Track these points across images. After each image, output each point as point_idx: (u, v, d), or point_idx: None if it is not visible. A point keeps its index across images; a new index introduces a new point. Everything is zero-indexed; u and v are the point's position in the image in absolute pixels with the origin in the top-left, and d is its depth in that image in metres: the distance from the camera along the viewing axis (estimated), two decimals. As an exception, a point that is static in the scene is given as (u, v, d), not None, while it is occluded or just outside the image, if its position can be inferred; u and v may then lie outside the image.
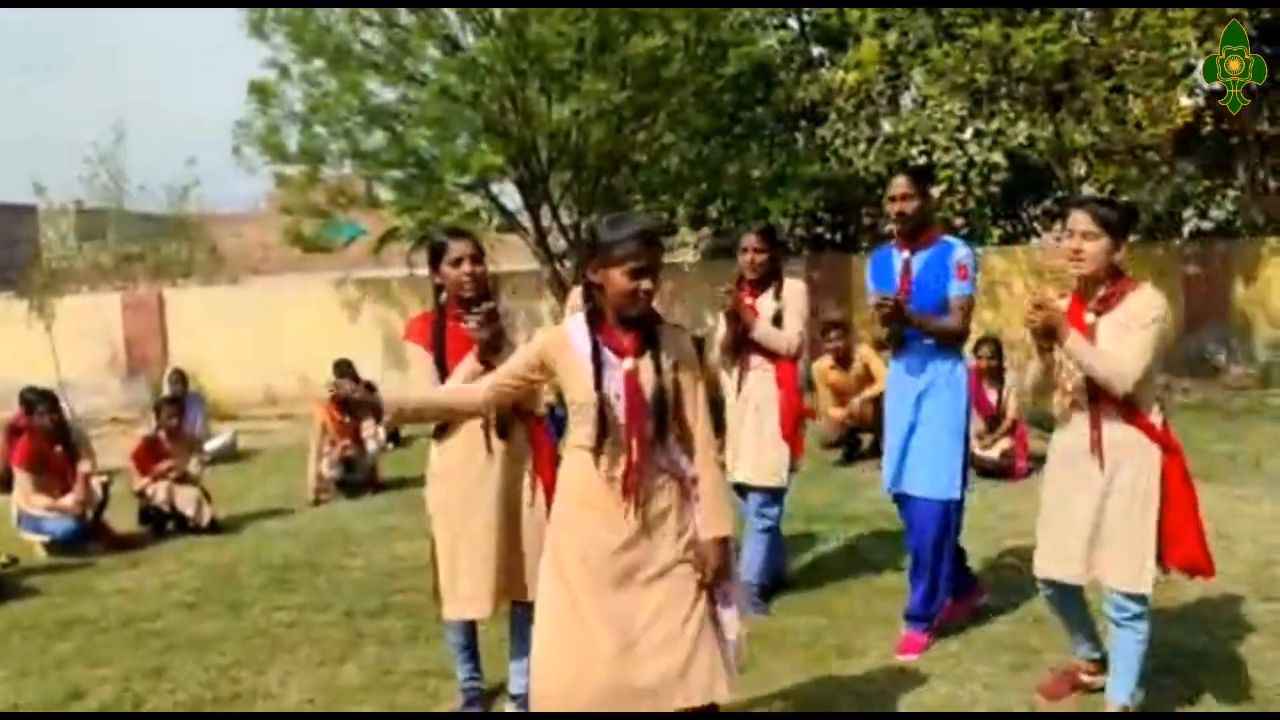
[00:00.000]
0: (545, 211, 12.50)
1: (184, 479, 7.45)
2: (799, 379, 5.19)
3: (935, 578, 4.61)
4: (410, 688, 4.45)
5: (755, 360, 5.05)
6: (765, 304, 4.98)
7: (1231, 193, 13.31)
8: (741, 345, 5.06)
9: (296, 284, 17.40)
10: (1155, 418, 3.57)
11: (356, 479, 8.52)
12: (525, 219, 12.35)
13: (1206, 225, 13.33)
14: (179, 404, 8.11)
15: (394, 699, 4.35)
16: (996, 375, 8.03)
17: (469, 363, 3.78)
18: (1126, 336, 3.50)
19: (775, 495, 5.13)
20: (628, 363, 3.05)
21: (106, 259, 19.11)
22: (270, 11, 10.94)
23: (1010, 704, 4.01)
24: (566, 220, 12.53)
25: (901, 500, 4.72)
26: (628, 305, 3.02)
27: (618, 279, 2.97)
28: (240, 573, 6.35)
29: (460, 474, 3.86)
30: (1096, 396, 3.58)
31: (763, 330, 4.97)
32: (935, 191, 12.59)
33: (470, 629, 4.08)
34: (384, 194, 12.62)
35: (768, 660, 4.52)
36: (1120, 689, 3.70)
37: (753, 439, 5.05)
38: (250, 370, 14.16)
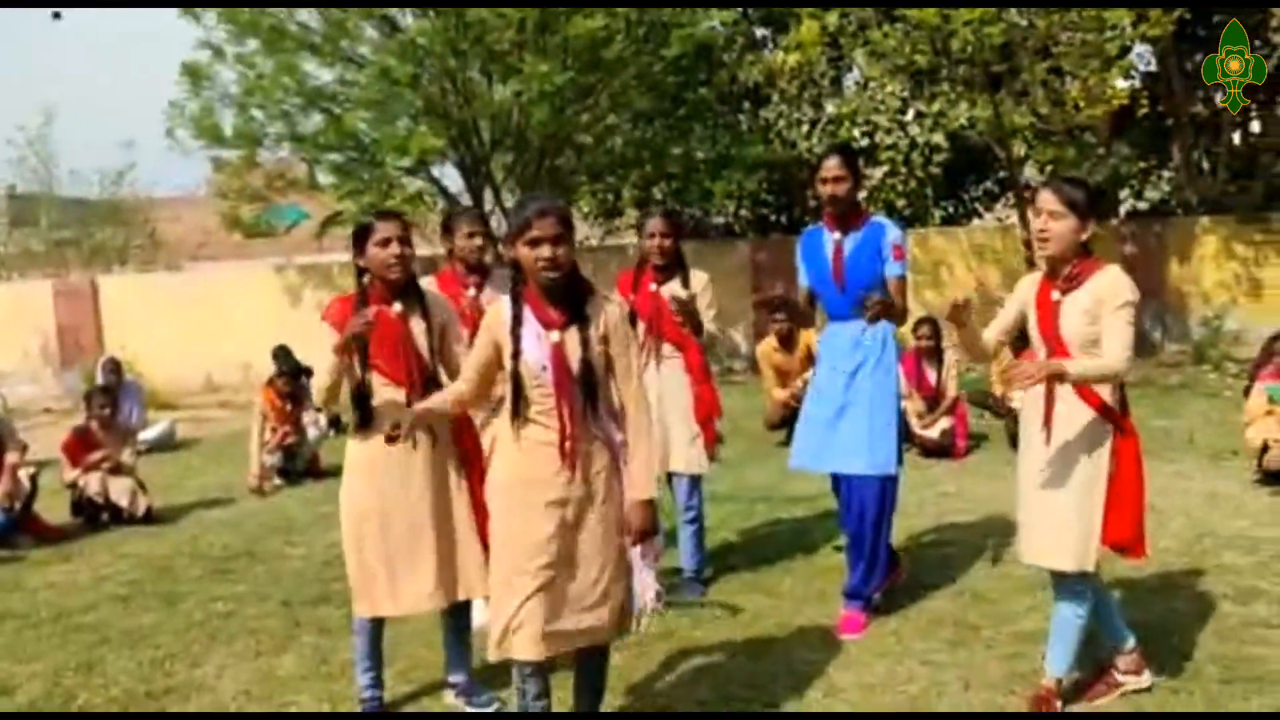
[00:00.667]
0: (489, 194, 12.38)
1: (118, 469, 7.29)
2: (708, 368, 5.21)
3: (875, 555, 4.65)
4: (348, 677, 4.37)
5: (668, 349, 5.07)
6: (676, 292, 4.94)
7: (1166, 173, 13.54)
8: (660, 334, 5.05)
9: (236, 270, 17.13)
10: (1111, 398, 3.60)
11: (298, 467, 8.41)
12: (468, 201, 12.22)
13: (1142, 205, 13.57)
14: (111, 393, 7.93)
15: (331, 688, 4.30)
16: (935, 355, 8.10)
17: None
18: (1098, 319, 3.51)
19: (697, 483, 5.17)
20: (554, 334, 3.19)
21: (38, 245, 18.69)
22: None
23: (948, 680, 4.04)
24: (509, 202, 12.44)
25: (837, 480, 4.75)
26: (536, 275, 3.17)
27: (522, 251, 3.16)
28: (177, 564, 6.24)
29: (381, 469, 3.73)
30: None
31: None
32: (878, 173, 12.70)
33: (377, 633, 3.95)
34: (323, 178, 12.41)
35: (709, 639, 4.54)
36: (1058, 662, 3.74)
37: (672, 428, 5.03)
38: (189, 358, 13.93)
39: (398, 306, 3.76)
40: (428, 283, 4.94)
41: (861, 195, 12.12)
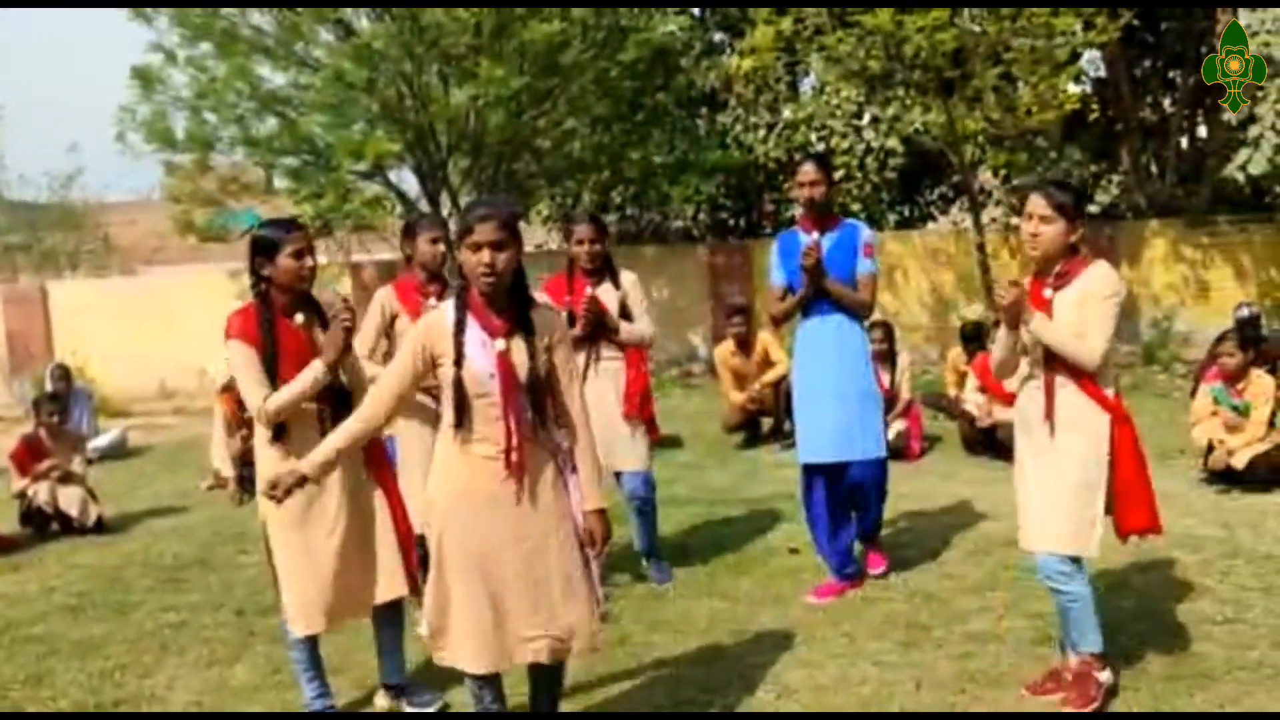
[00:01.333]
0: (446, 198, 12.34)
1: (68, 478, 7.18)
2: (646, 361, 5.40)
3: (879, 511, 5.29)
4: (299, 686, 4.36)
5: (608, 352, 5.13)
6: (608, 295, 5.09)
7: (1116, 178, 13.76)
8: (595, 338, 5.09)
9: (189, 275, 16.93)
10: (1109, 389, 3.68)
11: (253, 473, 8.29)
12: (425, 206, 12.17)
13: (1094, 209, 13.75)
14: (60, 400, 7.81)
15: (284, 697, 4.27)
16: (889, 358, 8.18)
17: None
18: (1086, 312, 3.60)
19: (646, 477, 5.31)
20: (499, 343, 3.15)
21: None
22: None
23: (900, 680, 4.09)
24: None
25: (835, 468, 4.99)
26: (476, 281, 3.12)
27: (465, 255, 3.12)
28: (128, 574, 6.17)
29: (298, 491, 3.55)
30: (1052, 365, 3.68)
31: (626, 329, 5.12)
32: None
33: (314, 644, 3.91)
34: (279, 182, 12.30)
35: (665, 644, 4.56)
36: (1081, 642, 3.80)
37: (617, 428, 5.11)
38: (142, 364, 13.75)
39: (300, 318, 3.74)
40: (384, 291, 4.95)
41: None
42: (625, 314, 5.13)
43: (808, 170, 4.89)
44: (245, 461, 8.17)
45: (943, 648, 4.39)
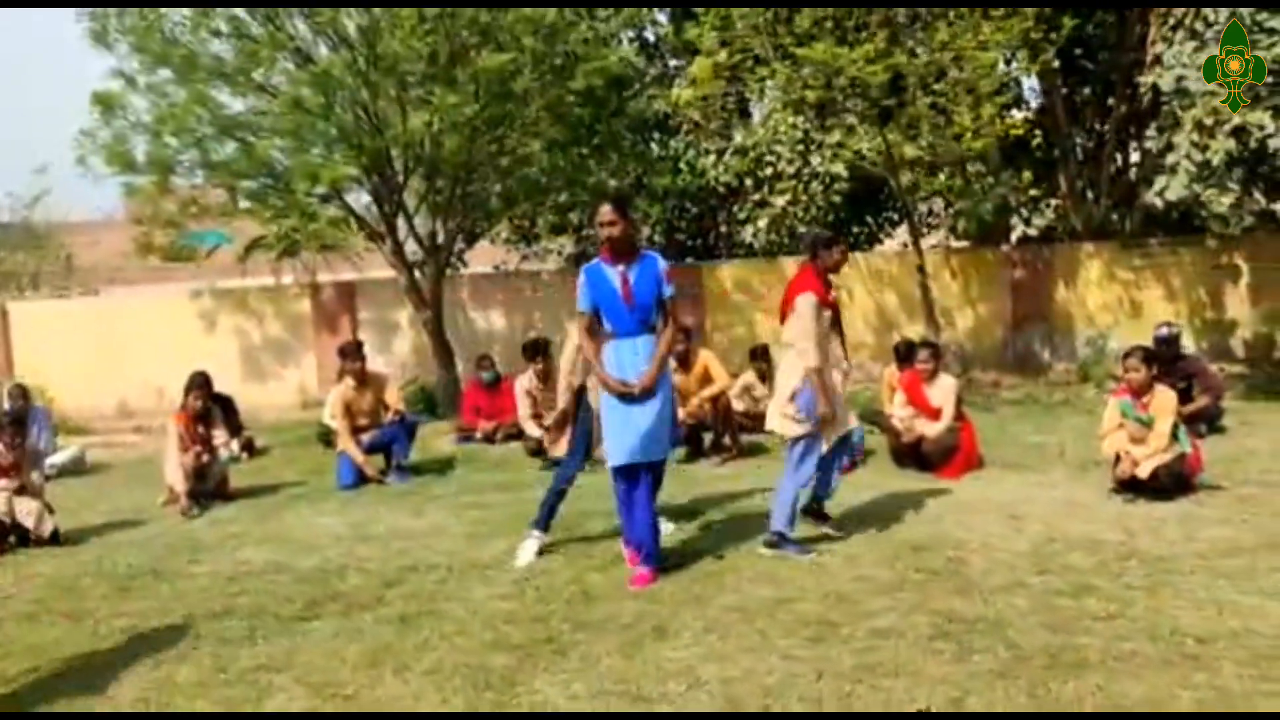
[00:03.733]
0: (402, 221, 12.63)
1: (23, 491, 7.39)
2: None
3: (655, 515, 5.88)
4: (244, 683, 4.62)
5: None
6: None
7: (1055, 201, 14.26)
8: None
9: (150, 295, 17.10)
10: None
11: (207, 488, 8.54)
12: (382, 228, 12.43)
13: (1031, 232, 14.26)
14: (19, 420, 8.01)
15: (227, 694, 4.52)
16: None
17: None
18: None
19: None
20: None
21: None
22: (114, 22, 10.81)
23: (804, 671, 4.40)
24: (422, 229, 12.67)
25: (633, 469, 5.67)
26: None
27: None
28: (82, 583, 6.37)
29: None
30: None
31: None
32: (780, 201, 13.20)
33: None
34: (241, 203, 12.52)
35: (590, 641, 4.85)
36: None
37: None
38: (103, 383, 13.92)
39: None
40: None
41: (764, 223, 12.59)
42: None
43: (606, 211, 5.53)
44: (198, 476, 8.44)
45: (848, 643, 4.71)
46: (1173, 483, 6.86)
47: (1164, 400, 7.01)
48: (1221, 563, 5.57)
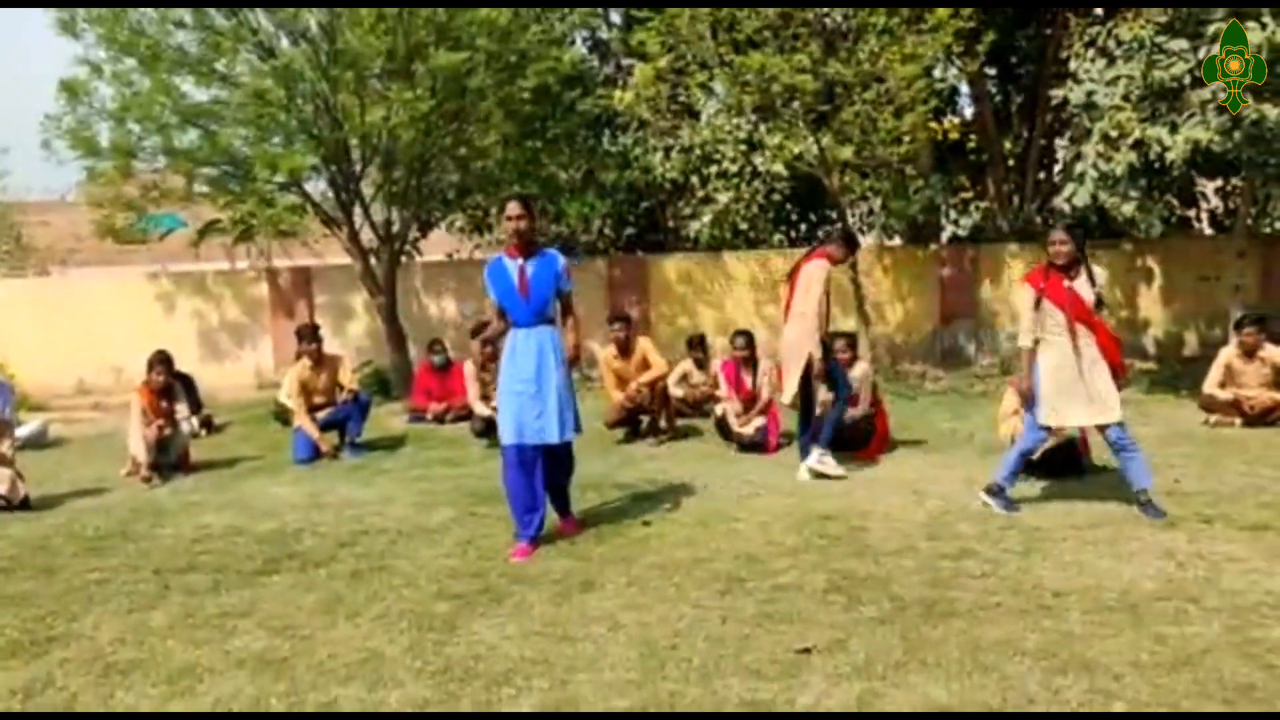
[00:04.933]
0: (358, 209, 13.07)
1: (-3, 460, 7.82)
2: None
3: (567, 495, 6.61)
4: (210, 626, 5.14)
5: None
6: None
7: (984, 204, 15.01)
8: None
9: (110, 277, 17.37)
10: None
11: (170, 460, 9.00)
12: (338, 215, 12.88)
13: (962, 232, 15.00)
14: (-12, 391, 8.42)
15: (196, 635, 5.04)
16: (750, 363, 9.17)
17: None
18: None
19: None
20: None
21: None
22: (81, 11, 11.18)
23: (710, 617, 4.99)
24: (378, 217, 13.14)
25: (535, 449, 6.21)
26: None
27: None
28: (53, 543, 6.84)
29: None
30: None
31: None
32: (724, 198, 13.82)
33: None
34: (199, 188, 12.90)
35: (524, 593, 5.43)
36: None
37: None
38: (61, 362, 14.25)
39: None
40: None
41: (708, 218, 13.12)
42: None
43: (513, 207, 6.13)
44: (160, 448, 8.90)
45: (752, 595, 5.32)
46: (1064, 463, 7.55)
47: (1055, 389, 7.68)
48: (1091, 532, 6.24)
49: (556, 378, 6.19)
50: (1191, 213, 15.55)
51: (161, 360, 9.12)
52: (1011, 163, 15.45)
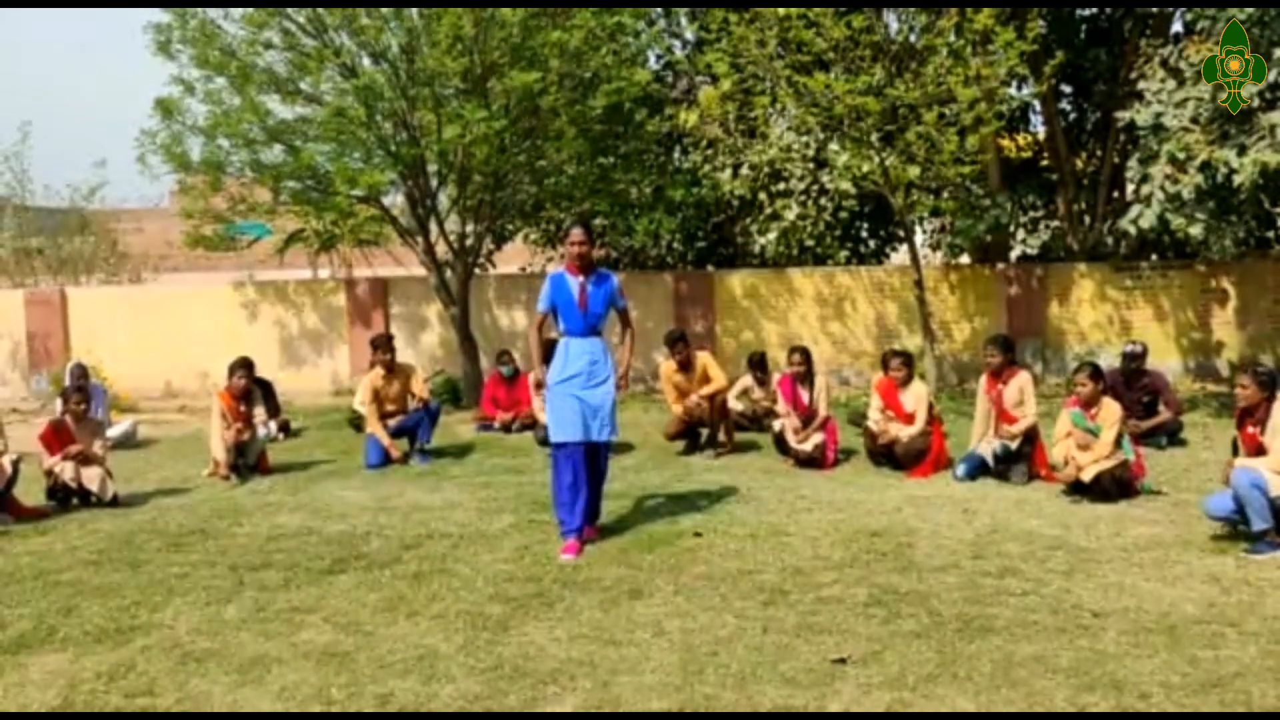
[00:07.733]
0: (434, 223, 13.51)
1: (89, 460, 8.29)
2: None
3: (598, 500, 6.95)
4: (280, 620, 5.47)
5: None
6: None
7: (1054, 223, 14.93)
8: None
9: (196, 284, 18.08)
10: None
11: (248, 462, 9.43)
12: (414, 228, 13.33)
13: (1031, 251, 14.95)
14: (85, 392, 8.93)
15: (265, 628, 5.37)
16: (808, 379, 9.31)
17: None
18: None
19: None
20: None
21: (5, 254, 19.53)
22: (176, 33, 11.78)
23: (751, 628, 5.18)
24: (453, 231, 13.55)
25: (584, 447, 6.65)
26: None
27: None
28: (139, 538, 7.26)
29: None
30: None
31: None
32: (791, 215, 13.96)
33: None
34: (283, 201, 13.44)
35: (574, 598, 5.67)
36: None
37: None
38: (151, 366, 14.89)
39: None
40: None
41: (773, 235, 13.29)
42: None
43: (577, 233, 6.72)
44: (239, 450, 9.33)
45: (795, 606, 5.50)
46: (1115, 487, 7.57)
47: (1110, 412, 7.73)
48: (1138, 555, 6.30)
49: (605, 382, 6.73)
50: (1270, 234, 15.28)
51: (243, 365, 9.55)
52: (1084, 182, 15.34)
